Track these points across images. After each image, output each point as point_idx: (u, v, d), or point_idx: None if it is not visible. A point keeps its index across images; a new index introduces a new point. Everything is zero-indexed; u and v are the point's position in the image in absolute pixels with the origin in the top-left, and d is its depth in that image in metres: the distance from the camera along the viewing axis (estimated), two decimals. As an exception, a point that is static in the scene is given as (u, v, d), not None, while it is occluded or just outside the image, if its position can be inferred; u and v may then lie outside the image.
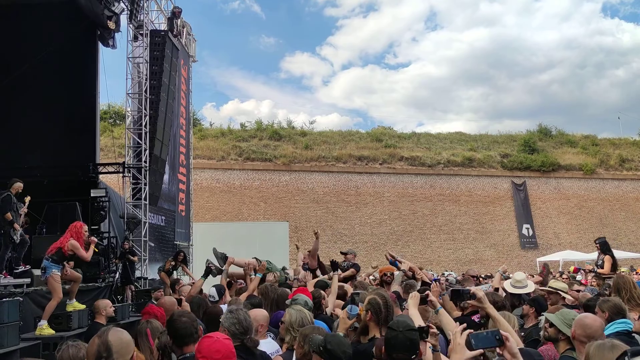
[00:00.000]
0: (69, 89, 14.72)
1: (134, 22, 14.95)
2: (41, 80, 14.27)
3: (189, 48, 19.94)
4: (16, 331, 7.06)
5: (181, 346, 3.60)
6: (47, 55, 13.88)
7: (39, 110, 14.33)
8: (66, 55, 14.45)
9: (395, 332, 3.17)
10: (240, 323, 3.69)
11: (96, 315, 6.47)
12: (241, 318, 3.72)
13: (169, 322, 3.84)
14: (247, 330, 3.72)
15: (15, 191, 9.48)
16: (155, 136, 14.98)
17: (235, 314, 3.75)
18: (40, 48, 13.93)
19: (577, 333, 3.56)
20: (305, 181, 36.30)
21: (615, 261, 10.54)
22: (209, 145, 36.52)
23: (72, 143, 14.62)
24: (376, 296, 4.04)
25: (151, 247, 15.21)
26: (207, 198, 33.20)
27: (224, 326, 3.72)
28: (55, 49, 13.98)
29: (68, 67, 14.63)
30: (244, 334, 3.68)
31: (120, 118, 32.91)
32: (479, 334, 2.86)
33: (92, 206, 13.56)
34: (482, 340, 2.79)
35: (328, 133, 41.93)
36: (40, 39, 14.01)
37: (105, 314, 6.47)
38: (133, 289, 12.52)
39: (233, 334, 3.64)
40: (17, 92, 14.18)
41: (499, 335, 2.75)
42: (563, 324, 3.91)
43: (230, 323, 3.70)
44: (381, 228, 35.89)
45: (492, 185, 38.90)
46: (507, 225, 37.55)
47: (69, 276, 8.35)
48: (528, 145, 41.82)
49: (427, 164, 38.67)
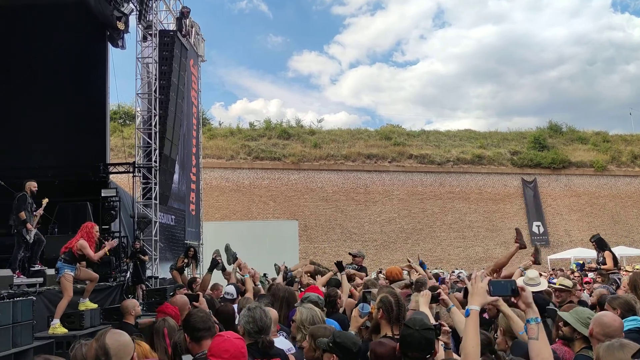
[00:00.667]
0: (79, 90, 14.81)
1: (143, 22, 15.01)
2: (52, 81, 14.37)
3: (198, 48, 19.99)
4: (30, 330, 7.13)
5: (198, 341, 3.59)
6: (57, 56, 13.99)
7: (50, 111, 14.43)
8: (76, 56, 14.55)
9: (412, 330, 3.14)
10: (255, 322, 3.66)
11: (125, 316, 6.44)
12: (257, 317, 3.68)
13: (186, 318, 3.85)
14: (262, 330, 3.68)
15: (29, 190, 9.56)
16: (165, 136, 15.03)
17: (251, 312, 3.71)
18: (50, 49, 14.05)
19: (596, 331, 3.52)
20: (314, 180, 36.31)
21: (615, 255, 10.55)
22: (218, 144, 36.63)
23: (82, 143, 14.72)
24: (388, 294, 4.02)
25: (162, 247, 15.26)
26: (217, 197, 33.30)
27: (240, 323, 3.72)
28: (65, 50, 14.08)
29: (78, 68, 14.73)
30: (258, 333, 3.65)
31: (130, 118, 33.06)
32: (497, 282, 2.98)
33: (102, 206, 13.65)
34: (499, 288, 2.91)
35: (337, 131, 41.91)
36: (51, 40, 14.10)
37: (135, 314, 6.41)
38: (144, 288, 12.57)
39: (248, 332, 3.63)
40: (29, 93, 14.28)
41: (514, 286, 2.86)
42: (578, 322, 3.87)
43: (246, 321, 3.68)
44: (391, 226, 35.83)
45: (502, 182, 38.73)
46: (518, 222, 37.31)
47: (82, 276, 8.41)
48: (538, 142, 41.56)
49: (436, 161, 38.56)
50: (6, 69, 14.39)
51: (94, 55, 14.98)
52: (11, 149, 14.21)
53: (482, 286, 3.01)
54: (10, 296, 7.37)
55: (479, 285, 3.02)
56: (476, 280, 3.05)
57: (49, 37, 14.11)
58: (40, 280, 9.42)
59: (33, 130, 14.36)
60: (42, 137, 14.43)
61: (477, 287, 3.02)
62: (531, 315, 2.80)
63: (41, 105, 14.39)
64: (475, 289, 3.02)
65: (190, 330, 3.70)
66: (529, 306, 2.81)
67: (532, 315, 2.80)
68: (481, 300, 3.01)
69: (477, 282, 3.04)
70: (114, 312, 9.56)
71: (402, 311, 3.94)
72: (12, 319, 6.71)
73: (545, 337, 2.78)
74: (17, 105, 14.39)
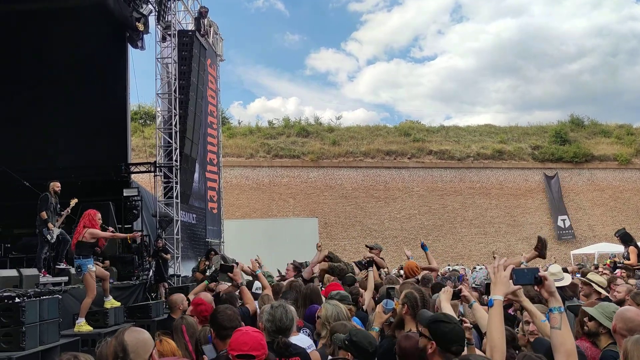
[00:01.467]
0: (101, 91, 15.02)
1: (161, 23, 15.13)
2: (73, 83, 14.57)
3: (216, 47, 20.09)
4: (56, 328, 7.24)
5: (223, 339, 3.61)
6: (79, 58, 14.18)
7: (71, 112, 14.65)
8: (97, 58, 14.74)
9: (451, 324, 3.08)
10: (274, 321, 3.64)
11: (173, 310, 6.50)
12: (277, 317, 3.66)
13: (214, 314, 3.88)
14: (280, 330, 3.65)
15: (52, 191, 9.70)
16: (185, 135, 15.14)
17: (273, 311, 3.70)
18: (72, 52, 14.24)
19: (619, 327, 3.47)
20: (334, 177, 36.30)
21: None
22: (237, 143, 36.81)
23: (104, 144, 14.94)
24: (413, 290, 4.01)
25: (183, 245, 15.39)
26: (237, 195, 33.47)
27: (262, 320, 3.73)
28: (87, 52, 14.27)
29: (99, 70, 14.92)
30: (276, 333, 3.63)
31: (150, 118, 33.40)
32: (520, 270, 2.94)
33: (125, 205, 13.83)
34: (523, 277, 2.87)
35: (355, 128, 41.84)
36: (73, 43, 14.28)
37: (182, 308, 6.43)
38: (166, 286, 12.69)
39: (267, 330, 3.64)
40: (51, 95, 14.52)
41: (538, 274, 2.82)
42: (603, 316, 3.82)
43: (266, 319, 3.68)
44: (411, 223, 35.69)
45: (523, 177, 38.32)
46: (540, 217, 36.96)
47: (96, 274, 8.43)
48: (560, 136, 41.02)
49: (456, 157, 38.29)
50: (30, 73, 14.65)
51: (115, 57, 15.17)
52: (35, 151, 14.47)
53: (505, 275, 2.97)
54: (37, 295, 7.49)
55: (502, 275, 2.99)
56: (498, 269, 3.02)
57: (71, 40, 14.30)
58: (66, 279, 9.57)
59: (56, 132, 14.61)
60: (64, 138, 14.67)
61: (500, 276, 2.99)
62: (554, 304, 2.75)
63: (64, 108, 14.61)
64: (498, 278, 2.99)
65: (216, 327, 3.73)
66: (552, 295, 2.76)
67: (555, 305, 2.75)
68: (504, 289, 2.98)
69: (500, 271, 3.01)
70: (137, 310, 9.69)
71: (427, 307, 3.93)
72: (38, 317, 6.82)
73: (569, 327, 2.72)
74: (40, 108, 14.63)
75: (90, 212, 8.31)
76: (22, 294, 7.20)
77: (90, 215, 8.22)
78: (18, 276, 8.11)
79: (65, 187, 10.38)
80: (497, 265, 3.03)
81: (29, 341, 6.48)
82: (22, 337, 6.39)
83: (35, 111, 14.64)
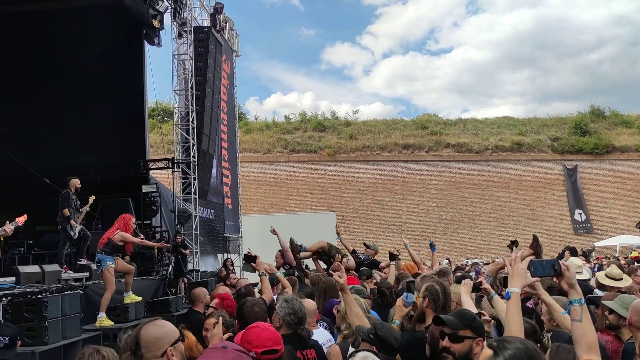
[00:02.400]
0: (118, 88, 15.16)
1: (177, 19, 15.19)
2: (91, 81, 14.71)
3: (232, 43, 20.12)
4: (78, 323, 7.35)
5: None
6: (96, 56, 14.32)
7: (90, 110, 14.82)
8: (114, 56, 14.87)
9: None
10: (295, 313, 3.70)
11: (195, 303, 6.60)
12: (296, 308, 3.73)
13: (241, 307, 3.92)
14: (302, 321, 3.73)
15: (73, 188, 9.83)
16: (202, 131, 15.21)
17: (290, 304, 3.75)
18: (89, 50, 14.37)
19: (634, 320, 3.42)
20: (351, 171, 36.25)
21: None
22: (254, 138, 36.91)
23: (122, 141, 15.11)
24: (434, 283, 4.00)
25: (202, 240, 15.49)
26: (255, 191, 33.59)
27: (279, 315, 3.73)
28: (104, 50, 14.39)
29: (117, 67, 15.05)
30: (298, 324, 3.69)
31: (167, 115, 33.63)
32: (538, 262, 2.86)
33: (144, 201, 13.96)
34: (541, 269, 2.80)
35: (372, 122, 41.69)
36: (89, 41, 14.40)
37: (205, 302, 6.51)
38: (186, 282, 12.79)
39: (287, 323, 3.67)
40: (70, 93, 14.68)
41: (557, 265, 2.75)
42: (622, 308, 3.77)
43: (285, 313, 3.71)
44: (429, 216, 35.54)
45: (542, 169, 37.90)
46: (560, 210, 36.55)
47: (119, 268, 8.56)
48: (579, 127, 40.45)
49: (474, 150, 37.99)
50: (49, 71, 14.83)
51: (132, 54, 15.28)
52: (55, 148, 14.66)
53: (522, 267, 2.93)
54: (59, 290, 7.61)
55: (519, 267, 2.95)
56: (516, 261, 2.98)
57: (89, 39, 14.42)
58: (87, 274, 9.70)
59: (75, 130, 14.77)
60: (84, 136, 14.82)
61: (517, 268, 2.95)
62: (574, 296, 2.69)
63: (82, 105, 14.78)
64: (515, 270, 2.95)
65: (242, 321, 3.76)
66: (572, 287, 2.71)
67: (576, 297, 2.69)
68: (522, 281, 2.94)
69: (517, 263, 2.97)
70: (157, 305, 9.80)
71: (448, 300, 3.91)
72: (61, 312, 6.93)
73: (590, 320, 2.67)
74: (60, 106, 14.81)
75: (125, 217, 8.60)
76: (44, 290, 7.32)
77: (125, 220, 8.49)
78: (40, 272, 8.23)
79: (85, 184, 10.52)
80: (514, 257, 3.00)
81: (51, 336, 6.59)
82: (45, 331, 6.51)
83: (55, 110, 14.82)
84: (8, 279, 7.91)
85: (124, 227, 8.34)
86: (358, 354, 2.89)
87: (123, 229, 8.32)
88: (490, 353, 2.24)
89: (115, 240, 8.18)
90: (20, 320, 6.57)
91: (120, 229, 8.29)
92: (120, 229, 8.29)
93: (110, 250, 8.19)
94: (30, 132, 14.73)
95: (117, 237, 8.19)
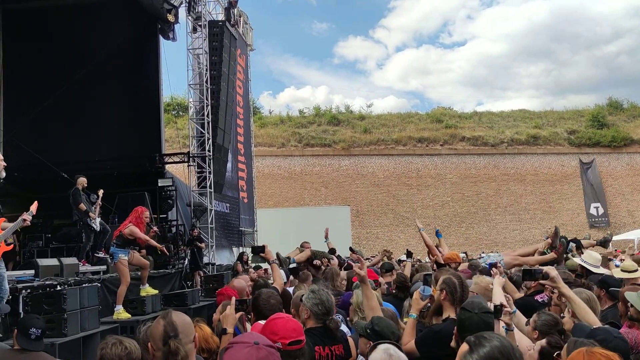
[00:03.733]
0: (134, 83, 15.27)
1: (192, 14, 15.23)
2: (108, 76, 14.82)
3: (246, 37, 20.15)
4: (96, 315, 7.44)
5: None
6: (112, 52, 14.40)
7: (106, 105, 14.95)
8: (130, 51, 14.97)
9: (470, 313, 3.06)
10: (323, 304, 3.61)
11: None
12: (324, 298, 3.64)
13: (256, 298, 3.90)
14: (330, 311, 3.64)
15: (80, 186, 9.94)
16: (217, 125, 15.27)
17: (317, 294, 3.66)
18: (106, 46, 14.45)
19: None
20: (365, 165, 36.14)
21: None
22: (269, 132, 36.93)
23: (138, 135, 15.23)
24: (451, 276, 3.97)
25: (217, 234, 15.57)
26: (269, 185, 33.64)
27: (307, 306, 3.66)
28: (119, 46, 14.48)
29: (132, 62, 15.16)
30: (326, 315, 3.61)
31: (183, 109, 33.75)
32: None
33: (160, 195, 14.07)
34: None
35: (386, 116, 41.49)
36: (105, 36, 14.51)
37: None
38: (202, 275, 12.87)
39: (316, 314, 3.60)
40: (87, 88, 14.78)
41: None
42: None
43: (313, 303, 3.62)
44: (444, 210, 35.36)
45: (559, 163, 37.48)
46: (576, 204, 36.17)
47: (134, 262, 8.62)
48: (597, 120, 39.86)
49: (489, 143, 37.66)
50: (65, 67, 14.93)
51: (147, 49, 15.37)
52: (72, 143, 14.79)
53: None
54: (77, 283, 7.71)
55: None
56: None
57: (104, 33, 14.53)
58: (104, 267, 9.81)
59: (92, 125, 14.91)
60: (100, 130, 14.97)
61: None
62: None
63: (99, 100, 14.90)
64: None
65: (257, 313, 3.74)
66: None
67: None
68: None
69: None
70: (173, 298, 9.88)
71: (465, 293, 3.87)
72: (79, 305, 7.01)
73: None
74: (76, 101, 14.91)
75: (138, 209, 8.58)
76: (63, 282, 7.43)
77: (138, 213, 8.47)
78: (59, 265, 8.34)
79: (102, 178, 10.66)
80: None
81: (70, 327, 6.68)
82: (64, 323, 6.60)
83: (71, 105, 14.94)
84: (27, 272, 8.03)
85: (135, 221, 8.32)
86: (379, 346, 2.88)
87: (135, 222, 8.30)
88: (466, 348, 2.23)
89: (126, 234, 8.18)
90: (40, 312, 6.65)
91: (132, 223, 8.29)
92: (132, 223, 8.29)
93: (122, 243, 8.22)
94: (48, 127, 14.87)
95: (127, 231, 8.17)
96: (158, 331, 2.42)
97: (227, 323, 3.36)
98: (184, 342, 2.41)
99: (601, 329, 3.07)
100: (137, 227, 8.28)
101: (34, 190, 13.13)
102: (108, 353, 3.03)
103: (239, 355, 2.26)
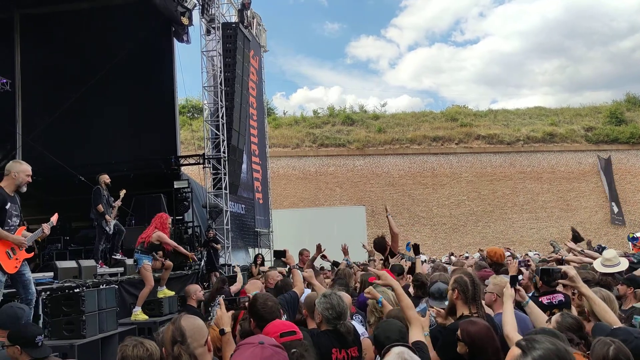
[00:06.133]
0: (149, 86, 15.38)
1: (205, 16, 15.30)
2: (123, 79, 14.92)
3: (260, 38, 20.19)
4: (114, 316, 7.51)
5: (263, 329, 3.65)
6: (127, 54, 14.51)
7: (122, 108, 15.07)
8: (145, 54, 15.06)
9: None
10: (334, 308, 3.63)
11: (187, 299, 6.90)
12: (334, 303, 3.65)
13: (252, 303, 3.89)
14: (341, 315, 3.65)
15: (103, 183, 10.00)
16: (232, 127, 15.32)
17: (328, 299, 3.68)
18: (120, 48, 14.57)
19: None
20: (380, 165, 36.05)
21: None
22: (283, 133, 36.99)
23: (154, 138, 15.34)
24: (462, 274, 3.95)
25: (233, 235, 15.63)
26: (284, 185, 33.70)
27: (318, 310, 3.69)
28: (134, 48, 14.58)
29: (147, 65, 15.25)
30: (337, 319, 3.63)
31: (197, 111, 33.96)
32: None
33: (175, 197, 14.16)
34: None
35: (401, 115, 41.33)
36: (120, 39, 14.63)
37: (196, 298, 6.86)
38: (218, 276, 12.91)
39: (326, 318, 3.62)
40: (102, 91, 14.90)
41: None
42: None
43: (324, 308, 3.65)
44: (460, 209, 35.16)
45: (576, 160, 37.07)
46: (595, 201, 35.76)
47: (158, 266, 8.80)
48: (615, 116, 39.34)
49: (505, 141, 37.37)
50: (81, 70, 15.09)
51: (162, 52, 15.47)
52: (88, 146, 14.94)
53: None
54: (95, 285, 7.78)
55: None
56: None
57: (119, 37, 14.65)
58: (121, 269, 9.89)
59: (107, 127, 15.03)
60: (116, 133, 15.11)
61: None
62: None
63: (114, 103, 15.02)
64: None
65: (256, 317, 3.72)
66: None
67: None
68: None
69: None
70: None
71: (477, 290, 3.85)
72: (97, 306, 7.08)
73: None
74: (92, 103, 15.06)
75: (162, 215, 8.83)
76: (81, 284, 7.50)
77: (162, 219, 8.71)
78: (77, 267, 8.43)
79: (118, 180, 10.71)
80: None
81: (89, 329, 6.75)
82: (82, 325, 6.67)
83: (87, 108, 15.09)
84: (46, 274, 8.12)
85: (161, 227, 8.56)
86: (393, 349, 2.87)
87: (160, 228, 8.53)
88: (519, 352, 2.18)
89: (152, 239, 8.40)
90: (59, 314, 6.75)
91: (157, 228, 8.49)
92: (158, 228, 8.50)
93: (147, 249, 8.42)
94: (65, 131, 15.02)
95: (155, 236, 8.40)
96: (167, 336, 2.47)
97: (223, 323, 3.38)
98: (193, 346, 2.43)
99: (621, 329, 3.04)
100: (163, 232, 8.52)
101: (52, 193, 13.31)
102: (130, 355, 3.06)
103: (244, 356, 2.27)
